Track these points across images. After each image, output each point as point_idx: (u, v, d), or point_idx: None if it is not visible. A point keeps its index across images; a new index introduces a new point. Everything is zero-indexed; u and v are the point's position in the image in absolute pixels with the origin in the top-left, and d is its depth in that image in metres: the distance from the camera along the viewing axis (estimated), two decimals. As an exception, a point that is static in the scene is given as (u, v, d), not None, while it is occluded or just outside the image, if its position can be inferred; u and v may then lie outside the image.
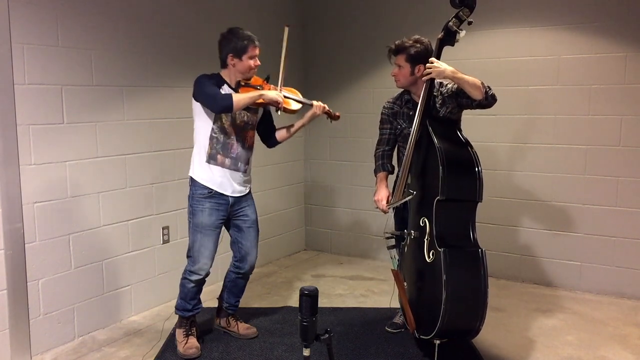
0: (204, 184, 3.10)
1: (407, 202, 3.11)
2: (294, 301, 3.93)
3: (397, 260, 3.26)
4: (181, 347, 3.15)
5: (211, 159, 3.09)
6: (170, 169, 3.90)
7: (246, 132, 3.18)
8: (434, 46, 2.96)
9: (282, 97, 3.07)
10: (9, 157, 2.98)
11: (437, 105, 3.08)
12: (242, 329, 3.39)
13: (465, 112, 3.16)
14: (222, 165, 3.11)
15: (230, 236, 3.33)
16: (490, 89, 2.88)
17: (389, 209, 3.20)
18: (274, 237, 5.03)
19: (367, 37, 4.87)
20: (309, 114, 3.24)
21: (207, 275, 3.20)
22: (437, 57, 2.90)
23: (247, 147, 3.19)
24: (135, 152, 3.67)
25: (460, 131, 3.01)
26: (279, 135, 3.36)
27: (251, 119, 3.19)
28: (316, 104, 3.21)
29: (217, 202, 3.13)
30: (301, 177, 5.38)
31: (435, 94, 3.08)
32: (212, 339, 3.36)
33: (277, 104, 3.05)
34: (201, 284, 3.22)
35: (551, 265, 4.31)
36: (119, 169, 3.58)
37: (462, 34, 2.86)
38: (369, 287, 4.35)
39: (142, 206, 3.75)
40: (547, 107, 4.21)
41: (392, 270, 3.20)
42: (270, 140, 3.38)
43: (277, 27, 4.85)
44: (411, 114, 3.12)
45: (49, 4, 3.14)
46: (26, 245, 3.10)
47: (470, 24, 2.86)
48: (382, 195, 3.20)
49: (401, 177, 3.08)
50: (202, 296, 3.30)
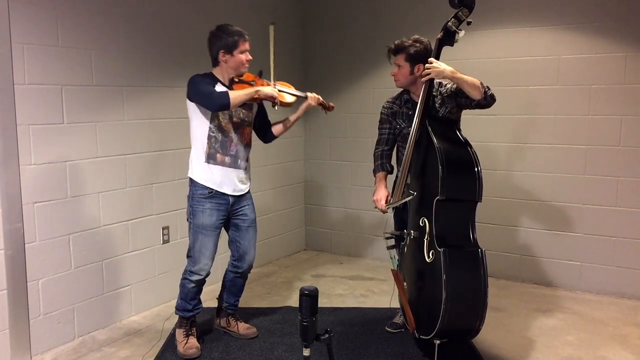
0: (204, 184, 3.10)
1: (406, 203, 3.12)
2: (294, 301, 3.93)
3: (397, 260, 3.26)
4: (181, 347, 3.15)
5: (210, 158, 3.09)
6: (170, 169, 3.90)
7: (243, 129, 3.18)
8: (433, 46, 2.97)
9: (277, 91, 3.08)
10: (9, 157, 2.98)
11: (437, 105, 3.08)
12: (242, 329, 3.39)
13: (465, 112, 3.16)
14: (222, 163, 3.11)
15: (228, 235, 3.33)
16: (489, 89, 2.89)
17: (388, 208, 3.21)
18: (274, 237, 5.03)
19: (367, 37, 4.87)
20: (303, 106, 3.25)
21: (208, 275, 3.20)
22: (436, 57, 2.90)
23: (245, 144, 3.20)
24: (135, 152, 3.67)
25: (459, 131, 3.01)
26: (275, 129, 3.36)
27: (247, 115, 3.20)
28: (310, 95, 3.24)
29: (218, 202, 3.13)
30: (301, 177, 5.38)
31: (434, 93, 3.08)
32: (212, 339, 3.36)
33: (273, 99, 3.06)
34: (201, 284, 3.22)
35: (551, 265, 4.31)
36: (119, 169, 3.59)
37: (461, 34, 2.86)
38: (369, 287, 4.35)
39: (142, 206, 3.75)
40: (547, 107, 4.21)
41: (392, 270, 3.20)
42: (266, 135, 3.39)
43: (277, 27, 4.90)
44: (410, 113, 3.12)
45: (49, 4, 3.14)
46: (26, 245, 3.10)
47: (469, 24, 2.86)
48: (381, 195, 3.20)
49: (401, 177, 3.08)
50: (202, 296, 3.30)
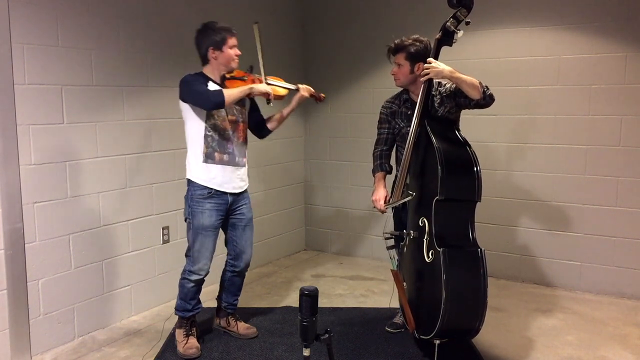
0: (203, 184, 3.10)
1: (405, 203, 3.12)
2: (294, 301, 3.93)
3: (397, 260, 3.26)
4: (181, 347, 3.15)
5: (209, 158, 3.09)
6: (170, 169, 3.90)
7: (238, 126, 3.18)
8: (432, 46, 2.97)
9: (270, 89, 3.08)
10: (9, 157, 2.98)
11: (436, 104, 3.09)
12: (242, 328, 3.39)
13: (465, 112, 3.16)
14: (221, 162, 3.11)
15: (225, 234, 3.34)
16: (488, 89, 2.89)
17: (386, 208, 3.21)
18: (274, 237, 5.03)
19: (367, 37, 4.87)
20: (296, 98, 3.26)
21: (207, 274, 3.21)
22: (435, 57, 2.90)
23: (241, 141, 3.20)
24: (135, 152, 3.67)
25: (458, 131, 3.01)
26: (270, 124, 3.37)
27: (241, 112, 3.20)
28: (301, 86, 3.25)
29: (217, 202, 3.13)
30: (301, 177, 5.38)
31: (433, 93, 3.08)
32: (212, 339, 3.36)
33: (268, 95, 3.07)
34: (201, 283, 3.22)
35: (551, 265, 4.31)
36: (119, 169, 3.59)
37: (460, 34, 2.86)
38: (369, 287, 4.35)
39: (142, 206, 3.75)
40: (547, 107, 4.21)
41: (392, 270, 3.20)
42: (262, 131, 3.39)
43: (277, 27, 4.92)
44: (409, 113, 3.12)
45: (49, 4, 3.14)
46: (26, 245, 3.10)
47: (468, 24, 2.86)
48: (380, 195, 3.21)
49: (400, 177, 3.08)
50: (202, 296, 3.30)
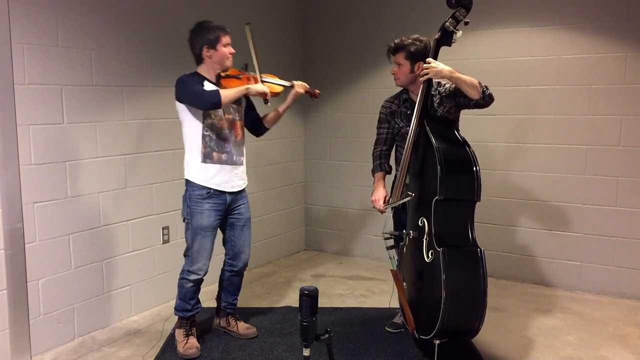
0: (202, 184, 3.09)
1: (405, 203, 3.12)
2: (294, 301, 3.93)
3: (396, 260, 3.26)
4: (181, 347, 3.15)
5: (207, 157, 3.09)
6: (170, 169, 3.90)
7: (235, 124, 3.18)
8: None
9: (267, 88, 3.09)
10: (9, 157, 2.98)
11: (435, 104, 3.09)
12: (242, 328, 3.39)
13: (465, 112, 3.16)
14: (220, 161, 3.11)
15: (222, 234, 3.33)
16: (487, 89, 2.89)
17: (386, 209, 3.21)
18: (274, 237, 5.03)
19: (367, 37, 4.87)
20: (291, 95, 3.26)
21: (205, 274, 3.21)
22: (434, 57, 2.90)
23: (238, 139, 3.20)
24: (135, 152, 3.67)
25: (458, 131, 3.01)
26: (267, 121, 3.37)
27: (238, 110, 3.21)
28: (296, 83, 3.25)
29: (216, 202, 3.13)
30: (301, 177, 5.38)
31: (433, 93, 3.08)
32: (212, 339, 3.36)
33: (265, 95, 3.07)
34: (200, 283, 3.22)
35: (551, 265, 4.31)
36: (119, 169, 3.59)
37: (459, 34, 2.86)
38: (369, 287, 4.35)
39: (142, 206, 3.75)
40: (547, 107, 4.21)
41: (391, 270, 3.20)
42: (258, 129, 3.39)
43: (277, 27, 4.92)
44: (409, 113, 3.13)
45: (49, 4, 3.14)
46: (26, 245, 3.10)
47: (467, 24, 2.86)
48: (380, 195, 3.21)
49: (399, 177, 3.08)
50: (201, 296, 3.30)
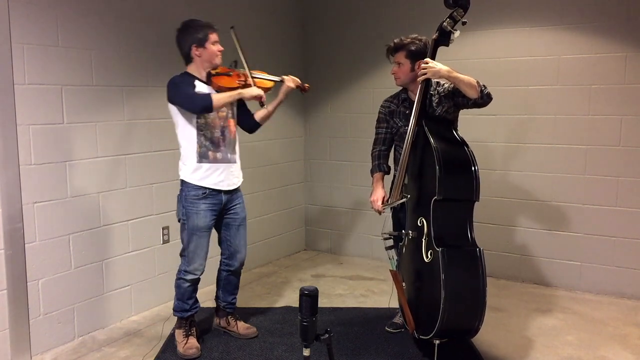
0: (198, 184, 3.09)
1: (404, 203, 3.12)
2: (294, 301, 3.93)
3: (396, 260, 3.26)
4: (181, 348, 3.15)
5: (203, 157, 3.09)
6: (170, 169, 3.88)
7: (228, 122, 3.18)
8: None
9: (261, 91, 3.09)
10: (9, 157, 2.98)
11: (434, 104, 3.09)
12: (242, 328, 3.39)
13: (465, 112, 3.16)
14: (215, 160, 3.11)
15: (218, 233, 3.33)
16: (485, 88, 2.89)
17: (384, 209, 3.22)
18: (274, 237, 5.03)
19: (367, 37, 4.87)
20: (283, 90, 3.26)
21: (202, 273, 3.21)
22: (432, 57, 2.90)
23: (232, 137, 3.20)
24: (135, 152, 3.68)
25: (456, 131, 3.01)
26: (259, 118, 3.35)
27: (230, 108, 3.20)
28: (287, 78, 3.25)
29: (212, 203, 3.13)
30: (301, 177, 5.38)
31: (432, 93, 3.09)
32: (212, 339, 3.36)
33: (260, 98, 3.08)
34: (197, 283, 3.22)
35: (551, 265, 4.31)
36: (119, 169, 3.59)
37: (457, 34, 2.86)
38: (369, 287, 4.35)
39: (142, 206, 3.75)
40: (547, 107, 4.21)
41: (391, 270, 3.20)
42: (251, 125, 3.37)
43: (277, 27, 4.92)
44: (407, 112, 3.13)
45: (49, 4, 3.14)
46: (26, 245, 3.10)
47: (464, 24, 2.86)
48: (378, 196, 3.23)
49: (398, 177, 3.09)
50: (200, 297, 3.30)
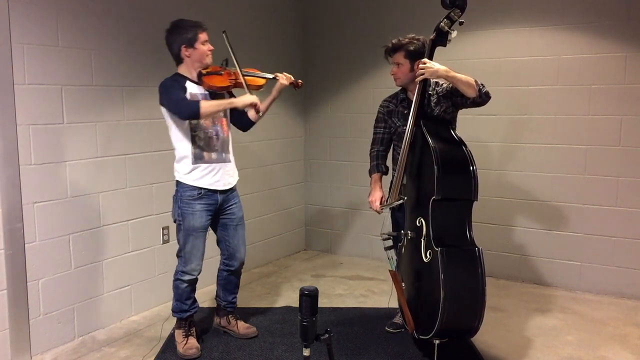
0: (193, 185, 3.09)
1: (402, 204, 3.13)
2: (294, 301, 3.93)
3: (395, 261, 3.26)
4: (181, 348, 3.15)
5: (197, 158, 3.08)
6: (170, 169, 3.85)
7: (221, 121, 3.18)
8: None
9: (255, 98, 3.06)
10: (9, 157, 2.99)
11: (432, 104, 3.09)
12: (242, 328, 3.39)
13: (465, 112, 3.16)
14: (210, 161, 3.11)
15: (216, 234, 3.33)
16: (484, 87, 2.89)
17: (382, 209, 3.23)
18: (274, 237, 5.03)
19: (367, 37, 4.87)
20: (277, 87, 3.24)
21: (199, 273, 3.21)
22: (430, 57, 2.90)
23: (225, 136, 3.20)
24: (135, 152, 3.68)
25: (454, 130, 3.01)
26: (252, 116, 3.31)
27: None
28: (280, 75, 3.23)
29: (207, 203, 3.12)
30: (301, 177, 5.38)
31: (430, 93, 3.09)
32: (211, 339, 3.36)
33: (255, 106, 3.06)
34: (194, 283, 3.22)
35: (551, 265, 4.31)
36: (119, 169, 3.59)
37: (454, 34, 2.85)
38: (369, 287, 4.35)
39: (142, 206, 3.75)
40: (547, 107, 4.21)
41: (390, 271, 3.20)
42: (244, 124, 3.35)
43: (277, 27, 4.92)
44: (406, 112, 3.13)
45: (49, 4, 3.14)
46: (26, 245, 3.10)
47: (461, 24, 2.85)
48: (376, 196, 3.25)
49: (397, 177, 3.09)
50: (200, 297, 3.30)
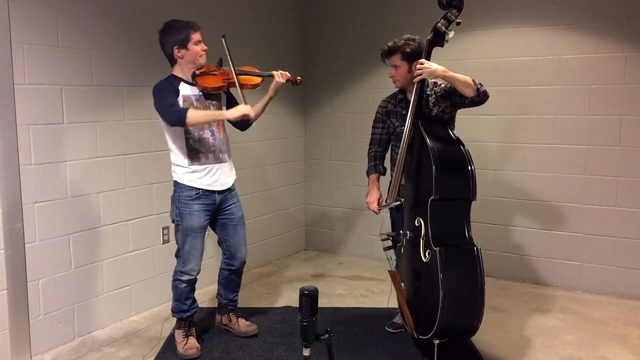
0: (190, 185, 3.08)
1: (400, 204, 3.13)
2: (294, 301, 3.93)
3: (394, 261, 3.26)
4: (181, 348, 3.15)
5: (194, 159, 3.08)
6: (170, 169, 3.89)
7: (217, 121, 3.15)
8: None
9: (248, 108, 2.99)
10: (9, 157, 2.99)
11: (431, 104, 3.09)
12: (243, 325, 3.40)
13: (465, 111, 3.16)
14: (206, 161, 3.11)
15: (216, 235, 3.33)
16: (482, 86, 2.89)
17: (380, 210, 3.24)
18: (274, 237, 5.03)
19: (367, 37, 4.86)
20: (273, 86, 3.19)
21: (198, 273, 3.21)
22: (427, 57, 2.91)
23: (221, 136, 3.19)
24: (135, 152, 3.68)
25: (452, 130, 3.01)
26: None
27: (218, 107, 3.18)
28: (276, 73, 3.17)
29: (205, 203, 3.12)
30: (301, 177, 5.38)
31: (429, 93, 3.10)
32: (211, 339, 3.36)
33: (248, 117, 3.01)
34: (193, 283, 3.22)
35: (551, 265, 4.31)
36: (119, 169, 3.59)
37: (451, 34, 2.86)
38: (369, 287, 4.35)
39: (142, 206, 3.75)
40: (547, 107, 4.21)
41: (389, 271, 3.21)
42: (242, 123, 3.28)
43: (277, 27, 4.92)
44: (404, 112, 3.13)
45: (49, 4, 3.14)
46: (26, 245, 3.10)
47: (459, 24, 2.86)
48: (374, 197, 3.26)
49: (395, 178, 3.09)
50: (200, 297, 3.30)
